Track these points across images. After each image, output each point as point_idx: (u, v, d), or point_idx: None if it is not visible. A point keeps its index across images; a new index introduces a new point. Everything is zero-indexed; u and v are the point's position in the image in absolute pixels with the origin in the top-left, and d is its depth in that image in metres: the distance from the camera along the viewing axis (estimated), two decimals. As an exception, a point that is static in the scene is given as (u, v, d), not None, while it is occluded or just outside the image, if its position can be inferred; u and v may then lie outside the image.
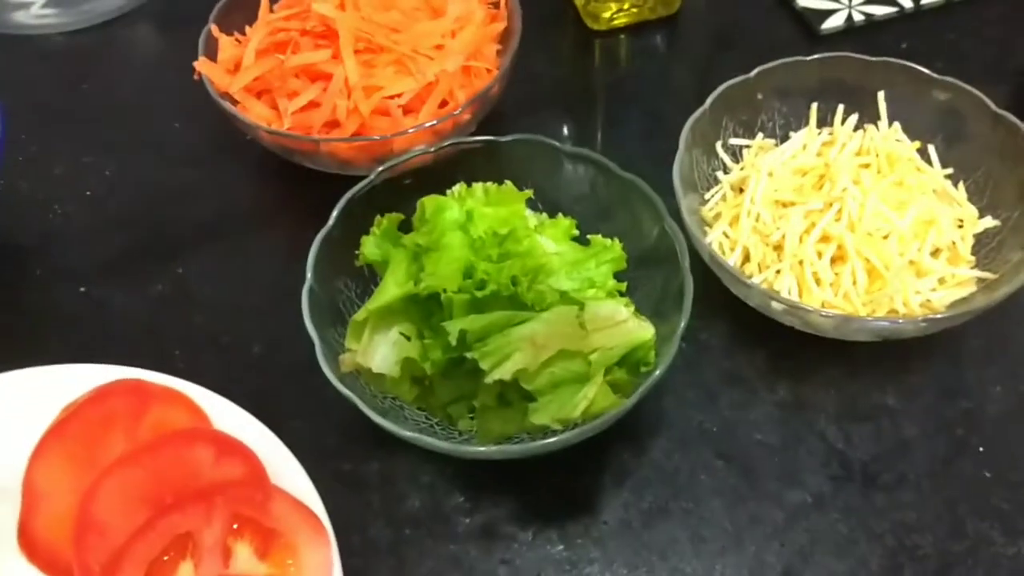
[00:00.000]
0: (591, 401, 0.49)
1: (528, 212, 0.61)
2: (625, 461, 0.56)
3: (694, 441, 0.57)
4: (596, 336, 0.53)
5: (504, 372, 0.49)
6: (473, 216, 0.55)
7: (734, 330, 0.62)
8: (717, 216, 0.63)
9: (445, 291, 0.51)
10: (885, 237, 0.59)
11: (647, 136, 0.74)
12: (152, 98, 0.78)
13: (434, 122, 0.63)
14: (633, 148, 0.73)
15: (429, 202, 0.56)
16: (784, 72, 0.66)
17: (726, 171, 0.66)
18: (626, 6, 0.80)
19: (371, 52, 0.66)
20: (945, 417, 0.57)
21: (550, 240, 0.59)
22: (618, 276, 0.58)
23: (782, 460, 0.56)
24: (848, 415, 0.58)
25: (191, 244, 0.68)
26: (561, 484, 0.56)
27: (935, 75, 0.63)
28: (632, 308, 0.56)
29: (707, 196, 0.65)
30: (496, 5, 0.72)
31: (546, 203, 0.63)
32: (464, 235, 0.55)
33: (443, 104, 0.67)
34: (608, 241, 0.60)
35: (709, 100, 0.64)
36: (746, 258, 0.61)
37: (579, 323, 0.53)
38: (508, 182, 0.60)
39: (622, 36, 0.82)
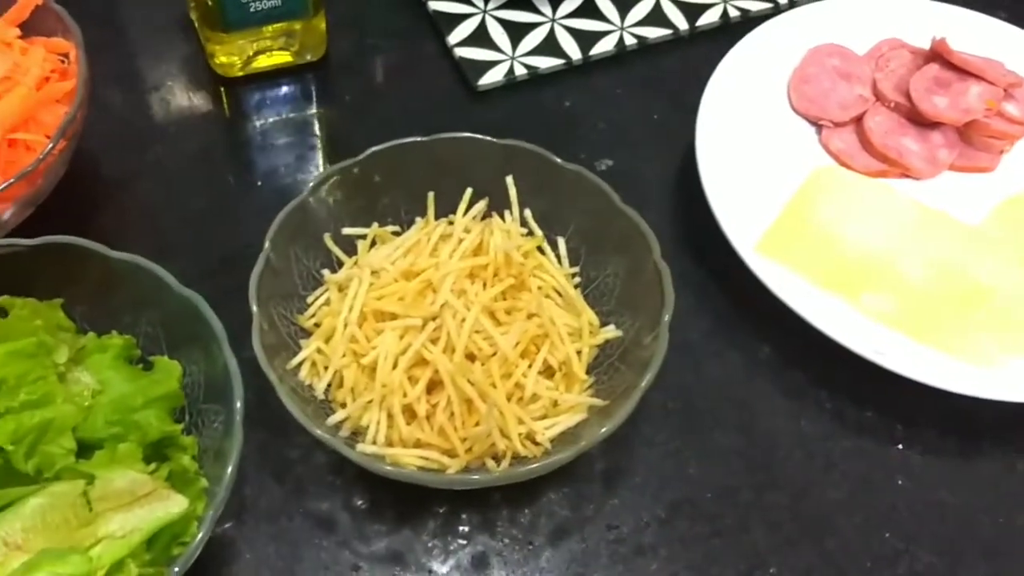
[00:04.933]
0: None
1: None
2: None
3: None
4: (107, 520, 0.42)
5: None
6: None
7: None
8: (317, 327, 0.54)
9: None
10: (494, 355, 0.52)
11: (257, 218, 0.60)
12: None
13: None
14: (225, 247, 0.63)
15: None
16: (398, 153, 0.57)
17: (337, 267, 0.57)
18: (251, 52, 0.69)
19: None
20: None
21: (87, 372, 0.49)
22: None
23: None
24: None
25: None
26: None
27: (561, 162, 0.57)
28: (166, 472, 0.46)
29: (309, 300, 0.56)
30: (65, 58, 0.60)
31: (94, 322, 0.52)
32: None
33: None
34: (174, 364, 0.51)
35: (308, 188, 0.55)
36: (341, 383, 0.52)
37: (84, 503, 0.42)
38: (30, 299, 0.49)
39: (255, 86, 0.71)
